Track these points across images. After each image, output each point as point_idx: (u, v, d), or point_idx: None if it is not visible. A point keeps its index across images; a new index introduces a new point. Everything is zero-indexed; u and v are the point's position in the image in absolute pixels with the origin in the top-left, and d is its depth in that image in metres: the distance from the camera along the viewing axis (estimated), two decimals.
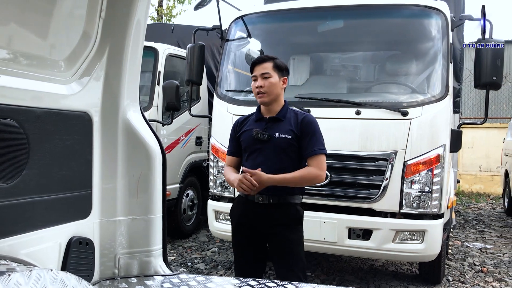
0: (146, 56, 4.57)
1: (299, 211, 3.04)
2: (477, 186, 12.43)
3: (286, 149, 2.93)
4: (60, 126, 2.08)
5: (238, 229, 3.13)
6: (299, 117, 2.98)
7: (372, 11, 4.61)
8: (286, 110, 3.02)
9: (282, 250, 2.99)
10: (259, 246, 3.09)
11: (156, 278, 2.42)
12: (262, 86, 2.94)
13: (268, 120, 3.00)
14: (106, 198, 2.36)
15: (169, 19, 15.18)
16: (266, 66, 2.97)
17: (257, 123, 3.04)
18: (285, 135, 2.92)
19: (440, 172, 3.98)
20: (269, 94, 2.95)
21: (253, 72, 3.01)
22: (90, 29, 2.20)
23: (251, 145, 3.00)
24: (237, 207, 3.16)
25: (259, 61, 3.01)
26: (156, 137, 2.55)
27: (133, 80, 2.45)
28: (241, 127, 3.11)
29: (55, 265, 2.05)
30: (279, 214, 2.97)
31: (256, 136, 2.95)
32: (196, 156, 6.88)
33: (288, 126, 2.95)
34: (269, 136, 2.93)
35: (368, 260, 5.64)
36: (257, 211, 2.98)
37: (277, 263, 3.06)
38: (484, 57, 4.02)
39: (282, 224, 2.97)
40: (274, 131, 2.95)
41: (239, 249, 3.16)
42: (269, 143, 2.93)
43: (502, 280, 5.16)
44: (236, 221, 3.14)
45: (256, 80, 2.98)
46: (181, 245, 6.40)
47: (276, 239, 3.00)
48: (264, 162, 2.91)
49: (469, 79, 9.74)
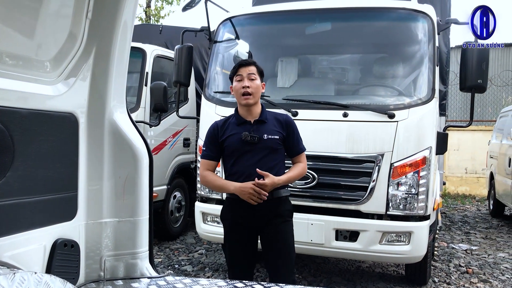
0: (134, 57, 4.56)
1: (290, 203, 3.26)
2: (463, 188, 12.55)
3: (275, 149, 3.09)
4: (46, 127, 2.06)
5: (233, 229, 3.19)
6: (281, 119, 3.17)
7: (359, 14, 4.63)
8: (266, 112, 3.18)
9: (275, 241, 3.13)
10: (253, 242, 3.21)
11: (142, 281, 2.41)
12: (249, 86, 3.05)
13: (253, 123, 3.11)
14: (92, 200, 2.34)
15: (157, 20, 15.14)
16: (252, 69, 3.12)
17: (240, 127, 3.10)
18: (273, 136, 3.08)
19: (426, 174, 4.01)
20: (254, 96, 3.08)
21: (238, 72, 3.11)
22: (77, 30, 2.18)
23: (240, 148, 3.07)
24: (230, 207, 3.21)
25: (246, 63, 3.15)
26: (143, 138, 2.53)
27: (120, 81, 2.44)
28: (223, 131, 3.14)
29: (40, 268, 2.03)
30: (273, 208, 3.11)
31: (246, 139, 3.03)
32: (184, 158, 6.85)
33: (273, 127, 3.10)
34: (258, 138, 3.04)
35: (355, 261, 5.66)
36: (252, 210, 3.07)
37: (270, 254, 3.17)
38: (470, 60, 4.06)
39: (276, 217, 3.12)
40: (261, 133, 3.06)
41: (234, 249, 3.20)
42: (258, 144, 3.05)
43: (487, 281, 5.22)
44: (230, 221, 3.20)
45: (242, 81, 3.07)
46: (168, 247, 6.37)
47: (270, 231, 3.13)
48: (255, 163, 3.02)
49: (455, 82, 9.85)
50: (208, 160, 3.19)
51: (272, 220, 3.12)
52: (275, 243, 3.14)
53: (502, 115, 9.77)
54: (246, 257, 3.20)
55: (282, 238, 3.15)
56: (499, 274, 5.53)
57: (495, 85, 13.13)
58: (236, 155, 3.09)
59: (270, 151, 3.07)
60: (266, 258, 3.22)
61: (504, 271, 5.66)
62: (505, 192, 8.25)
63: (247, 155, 3.06)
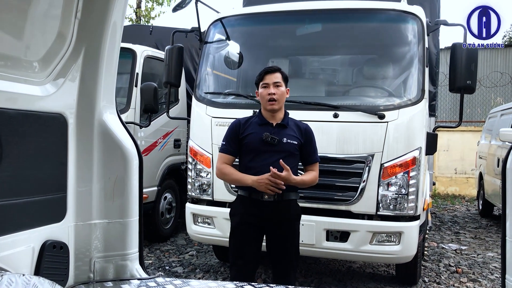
0: (124, 57, 4.53)
1: (299, 207, 3.40)
2: (453, 188, 12.64)
3: (291, 153, 3.22)
4: (34, 128, 2.04)
5: (241, 228, 3.27)
6: (301, 127, 3.32)
7: (349, 15, 4.65)
8: (288, 118, 3.31)
9: (282, 242, 3.25)
10: (258, 242, 3.30)
11: (132, 282, 2.40)
12: (275, 93, 3.19)
13: (275, 126, 3.24)
14: (81, 201, 2.33)
15: (148, 20, 15.08)
16: (277, 76, 3.25)
17: (262, 127, 3.23)
18: (292, 141, 3.22)
19: (416, 175, 4.03)
20: (279, 102, 3.22)
21: (264, 80, 3.24)
22: (66, 30, 2.17)
23: (259, 147, 3.19)
24: (240, 206, 3.30)
25: (272, 70, 3.27)
26: (132, 139, 2.52)
27: (110, 81, 2.43)
28: (245, 129, 3.26)
29: (28, 270, 2.01)
30: (283, 210, 3.23)
31: (266, 139, 3.16)
32: (174, 159, 6.83)
33: (293, 133, 3.25)
34: (278, 140, 3.17)
35: (346, 262, 5.68)
36: (263, 209, 3.18)
37: (279, 258, 3.29)
38: (459, 61, 4.09)
39: (285, 219, 3.24)
40: (281, 136, 3.20)
41: (240, 248, 3.28)
42: (277, 146, 3.18)
43: (476, 281, 5.26)
44: (239, 220, 3.28)
45: (267, 87, 3.21)
46: (158, 248, 6.34)
47: (277, 233, 3.24)
48: (271, 164, 3.11)
49: (445, 83, 9.93)
50: (226, 154, 3.29)
51: (280, 222, 3.23)
52: (281, 244, 3.25)
53: (491, 116, 9.85)
54: (250, 255, 3.27)
55: (288, 240, 3.27)
56: (488, 273, 5.58)
57: (484, 86, 13.24)
58: (255, 153, 3.21)
59: (287, 155, 3.18)
60: (272, 255, 3.32)
61: (493, 270, 5.71)
62: (494, 192, 8.32)
63: (265, 155, 3.18)
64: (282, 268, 3.27)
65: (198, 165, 4.52)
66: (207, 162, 4.46)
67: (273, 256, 3.32)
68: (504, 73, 13.43)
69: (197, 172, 4.54)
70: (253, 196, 3.18)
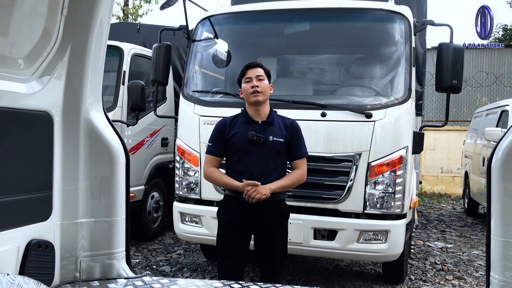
0: (111, 55, 4.50)
1: (287, 207, 3.36)
2: (439, 187, 12.76)
3: (278, 151, 3.18)
4: (19, 126, 2.02)
5: (229, 228, 3.24)
6: (287, 122, 3.26)
7: (337, 14, 4.66)
8: (273, 115, 3.27)
9: (273, 246, 3.24)
10: (246, 241, 3.28)
11: (119, 281, 2.38)
12: (259, 86, 3.15)
13: (260, 123, 3.19)
14: (67, 200, 2.31)
15: (135, 18, 14.99)
16: (260, 70, 3.23)
17: (247, 125, 3.19)
18: (278, 138, 3.17)
19: (403, 173, 4.06)
20: (263, 95, 3.18)
21: (247, 74, 3.21)
22: (51, 27, 2.14)
23: (245, 147, 3.15)
24: (228, 206, 3.27)
25: (253, 65, 3.25)
26: (119, 137, 2.51)
27: (96, 79, 2.41)
28: (230, 128, 3.22)
29: (13, 269, 1.99)
30: (271, 210, 3.19)
31: (252, 138, 3.11)
32: (162, 158, 6.80)
33: (279, 130, 3.19)
34: (264, 139, 3.12)
35: (333, 260, 5.70)
36: (251, 209, 3.13)
37: (266, 258, 3.28)
38: (445, 61, 4.13)
39: (274, 219, 3.22)
40: (267, 134, 3.15)
41: (228, 248, 3.25)
42: (263, 145, 3.13)
43: (462, 278, 5.31)
44: (226, 220, 3.25)
45: (250, 82, 3.17)
46: (146, 247, 6.31)
47: (265, 233, 3.22)
48: (258, 163, 3.11)
49: (431, 82, 10.01)
50: (213, 156, 3.25)
51: (268, 222, 3.20)
52: (269, 244, 3.24)
53: (477, 116, 9.96)
54: (238, 255, 3.25)
55: (276, 240, 3.25)
56: (473, 271, 5.64)
57: (470, 86, 13.38)
58: (241, 153, 3.17)
59: (274, 153, 3.15)
60: (260, 255, 3.31)
61: (478, 268, 5.77)
62: (479, 191, 8.41)
63: (251, 154, 3.14)
64: (270, 268, 3.26)
65: (186, 163, 4.50)
66: (194, 161, 4.44)
67: (261, 256, 3.31)
68: (489, 73, 13.58)
69: (185, 170, 4.52)
70: (241, 196, 3.13)
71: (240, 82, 3.29)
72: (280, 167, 3.20)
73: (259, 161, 3.12)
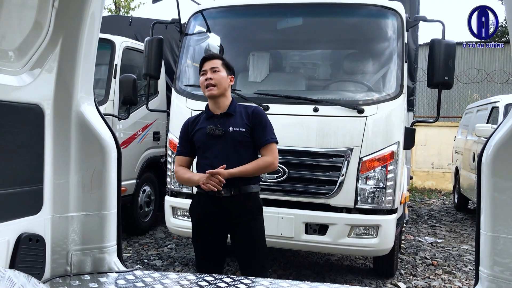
0: (103, 48, 4.47)
1: (258, 200, 3.18)
2: (429, 183, 12.84)
3: (241, 142, 3.04)
4: (10, 118, 2.00)
5: (200, 225, 3.14)
6: (248, 110, 3.13)
7: (330, 9, 4.66)
8: (235, 105, 3.14)
9: (246, 240, 3.09)
10: (221, 239, 3.15)
11: (110, 275, 2.38)
12: (212, 78, 3.04)
13: (220, 116, 3.08)
14: (58, 193, 2.30)
15: (127, 11, 14.89)
16: (216, 62, 3.10)
17: (209, 120, 3.09)
18: (239, 129, 3.03)
19: (394, 169, 4.08)
20: (218, 87, 3.05)
21: (203, 67, 3.12)
22: (42, 19, 2.12)
23: (206, 142, 3.05)
24: (197, 203, 3.17)
25: (210, 57, 3.15)
26: (111, 131, 2.50)
27: (88, 72, 2.39)
28: (193, 126, 3.14)
29: (3, 263, 1.98)
30: (241, 204, 3.06)
31: (211, 132, 3.01)
32: (154, 152, 6.78)
33: (240, 120, 3.07)
34: (223, 131, 3.01)
35: (324, 255, 5.73)
36: (220, 204, 3.03)
37: (241, 253, 3.14)
38: (437, 57, 4.14)
39: (245, 213, 3.07)
40: (227, 126, 3.04)
41: (201, 245, 3.16)
42: (224, 137, 3.02)
43: (451, 273, 5.36)
44: (197, 217, 3.15)
45: (205, 74, 3.08)
46: (137, 241, 6.30)
47: (239, 229, 3.08)
48: (221, 156, 2.99)
49: (423, 78, 10.06)
50: (180, 156, 3.18)
51: (241, 217, 3.06)
52: (245, 241, 3.09)
53: (468, 112, 10.02)
54: (214, 253, 3.14)
55: (252, 236, 3.10)
56: (462, 265, 5.69)
57: (461, 82, 13.45)
58: (204, 149, 3.08)
59: (236, 144, 3.02)
60: (237, 256, 3.20)
61: (467, 262, 5.83)
62: (469, 186, 8.48)
63: (213, 149, 3.04)
64: (249, 268, 3.07)
65: None
66: None
67: (237, 253, 3.17)
68: (480, 70, 13.67)
69: None
70: (210, 192, 2.98)
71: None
72: (246, 158, 3.03)
73: (222, 154, 2.99)
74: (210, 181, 2.88)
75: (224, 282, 2.38)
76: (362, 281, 4.89)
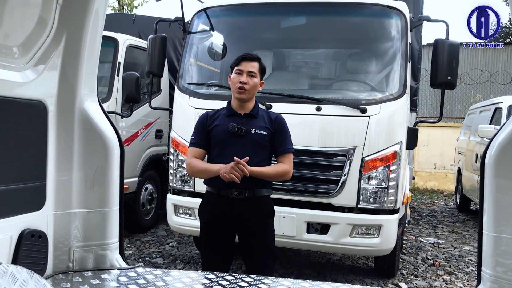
0: (106, 46, 4.47)
1: (271, 204, 3.15)
2: (432, 183, 12.82)
3: (261, 145, 3.01)
4: (13, 114, 2.01)
5: (210, 226, 3.08)
6: (271, 116, 3.10)
7: (334, 8, 4.66)
8: (258, 108, 3.11)
9: (256, 244, 3.07)
10: (230, 240, 3.12)
11: (112, 272, 2.39)
12: (247, 83, 2.97)
13: (243, 116, 3.04)
14: (61, 190, 2.30)
15: (131, 10, 14.90)
16: (254, 65, 3.03)
17: (229, 118, 3.04)
18: (261, 131, 3.00)
19: (397, 169, 4.08)
20: (249, 93, 3.01)
21: (240, 66, 3.02)
22: (47, 15, 2.13)
23: (225, 139, 2.99)
24: (208, 203, 3.10)
25: (250, 58, 3.04)
26: (114, 128, 2.50)
27: (91, 69, 2.40)
28: (212, 121, 3.07)
29: (6, 259, 1.98)
30: (254, 207, 3.02)
31: (233, 130, 2.96)
32: (156, 150, 6.79)
33: (262, 123, 3.03)
34: (245, 130, 2.97)
35: (326, 254, 5.73)
36: (232, 206, 2.98)
37: (249, 255, 3.11)
38: (441, 57, 4.13)
39: (256, 217, 3.04)
40: (250, 126, 3.00)
41: (210, 246, 3.11)
42: (245, 137, 2.97)
43: (452, 273, 5.36)
44: (207, 217, 3.09)
45: (241, 75, 2.99)
46: (139, 239, 6.31)
47: (250, 234, 3.06)
48: (238, 156, 2.90)
49: (426, 79, 10.03)
50: (195, 147, 3.07)
51: (253, 221, 3.03)
52: (254, 245, 3.07)
53: (470, 112, 10.00)
54: (223, 253, 3.10)
55: (263, 242, 3.07)
56: (464, 266, 5.68)
57: (464, 83, 13.42)
58: (221, 146, 3.01)
59: (256, 146, 2.98)
60: (245, 258, 3.17)
61: (468, 263, 5.82)
62: (471, 187, 8.46)
63: (232, 147, 2.96)
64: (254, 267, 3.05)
65: (180, 156, 4.50)
66: None
67: (245, 254, 3.14)
68: (484, 71, 13.63)
69: (179, 163, 4.52)
70: (222, 193, 2.98)
71: (232, 68, 3.09)
72: (262, 160, 3.00)
73: (239, 153, 2.89)
74: (234, 171, 2.81)
75: (226, 280, 2.38)
76: (363, 281, 4.89)
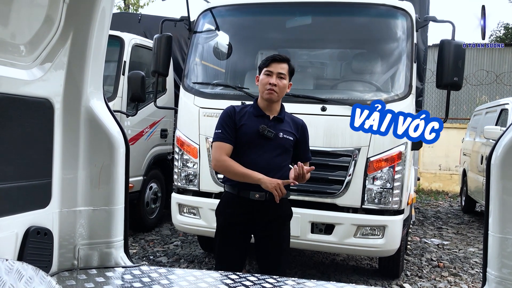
0: (112, 45, 4.48)
1: (290, 206, 3.16)
2: (436, 184, 12.78)
3: (286, 149, 3.02)
4: (20, 112, 2.02)
5: (229, 227, 3.05)
6: (297, 122, 3.13)
7: (339, 9, 4.65)
8: (284, 111, 3.10)
9: (274, 245, 3.07)
10: (245, 241, 3.11)
11: (117, 270, 2.39)
12: (276, 85, 2.95)
13: (272, 119, 3.01)
14: (66, 187, 2.31)
15: (136, 9, 14.95)
16: (284, 67, 3.00)
17: (258, 118, 2.99)
18: (288, 136, 3.01)
19: (402, 169, 4.07)
20: (279, 95, 2.99)
21: (269, 67, 2.97)
22: (54, 13, 2.14)
23: (254, 140, 2.95)
24: (227, 204, 3.07)
25: (280, 59, 3.00)
26: (120, 127, 2.51)
27: (97, 68, 2.40)
28: (240, 117, 3.01)
29: (11, 255, 1.99)
30: (274, 210, 3.00)
31: (263, 132, 2.92)
32: (161, 149, 6.80)
33: (289, 128, 3.04)
34: (274, 134, 2.96)
35: (330, 254, 5.72)
36: (253, 208, 2.97)
37: (266, 256, 3.10)
38: (446, 58, 4.12)
39: (277, 220, 3.04)
40: (277, 130, 2.98)
41: (226, 247, 3.07)
42: (272, 141, 2.96)
43: (457, 275, 5.34)
44: (226, 218, 3.06)
45: (270, 76, 2.96)
46: (143, 238, 6.33)
47: (268, 235, 3.05)
48: (265, 158, 2.92)
49: (432, 79, 10.00)
50: (225, 143, 2.94)
51: (272, 224, 3.02)
52: (272, 246, 3.06)
53: (476, 114, 9.96)
54: (237, 255, 3.07)
55: (280, 242, 3.07)
56: (469, 268, 5.66)
57: (470, 84, 13.37)
58: (248, 147, 2.96)
59: (282, 151, 2.99)
60: (260, 259, 3.15)
61: (473, 265, 5.80)
62: (477, 189, 8.43)
63: (259, 149, 2.94)
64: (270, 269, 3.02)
65: (185, 155, 4.51)
66: (194, 153, 4.45)
67: (262, 256, 3.12)
68: (489, 72, 13.58)
69: (184, 162, 4.53)
70: (242, 194, 2.95)
71: (260, 69, 3.03)
72: (286, 165, 3.02)
73: (267, 156, 2.92)
74: (279, 189, 2.82)
75: (230, 278, 2.38)
76: (367, 282, 4.88)
